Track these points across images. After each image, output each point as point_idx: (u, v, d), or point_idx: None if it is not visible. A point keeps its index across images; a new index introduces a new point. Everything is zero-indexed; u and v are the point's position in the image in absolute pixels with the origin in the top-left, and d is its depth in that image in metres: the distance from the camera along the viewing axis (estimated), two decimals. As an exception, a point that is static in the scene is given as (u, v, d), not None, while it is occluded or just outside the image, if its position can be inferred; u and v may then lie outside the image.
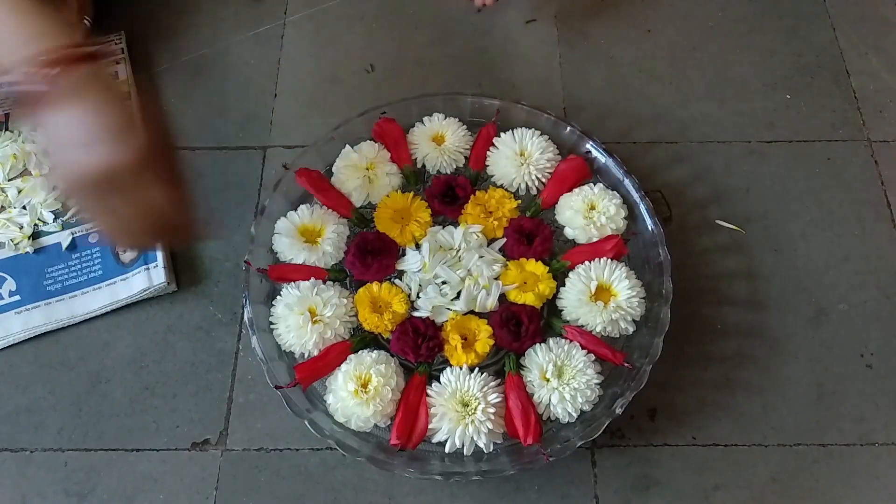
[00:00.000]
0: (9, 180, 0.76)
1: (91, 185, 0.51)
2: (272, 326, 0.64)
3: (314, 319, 0.62)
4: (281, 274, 0.67)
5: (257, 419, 0.67)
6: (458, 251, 0.66)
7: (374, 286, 0.64)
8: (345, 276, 0.67)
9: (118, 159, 0.50)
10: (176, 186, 0.54)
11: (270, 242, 0.68)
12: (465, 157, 0.72)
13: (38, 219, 0.74)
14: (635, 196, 0.69)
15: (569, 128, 0.73)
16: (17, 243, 0.73)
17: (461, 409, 0.59)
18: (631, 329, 0.64)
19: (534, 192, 0.71)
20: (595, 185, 0.70)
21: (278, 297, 0.65)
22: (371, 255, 0.65)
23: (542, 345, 0.62)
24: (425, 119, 0.74)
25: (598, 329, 0.63)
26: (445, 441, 0.59)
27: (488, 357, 0.63)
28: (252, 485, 0.64)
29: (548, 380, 0.60)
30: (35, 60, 0.49)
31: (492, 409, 0.59)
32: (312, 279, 0.65)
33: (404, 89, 0.83)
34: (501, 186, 0.70)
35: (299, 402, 0.61)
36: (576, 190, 0.69)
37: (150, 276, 0.71)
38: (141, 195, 0.52)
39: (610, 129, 0.81)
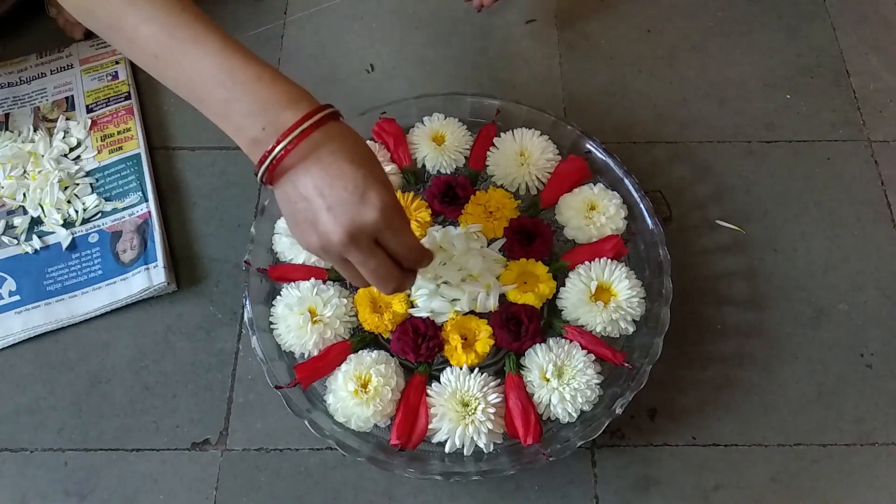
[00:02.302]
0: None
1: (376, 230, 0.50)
2: (272, 326, 0.64)
3: (314, 319, 0.62)
4: (281, 274, 0.67)
5: (257, 419, 0.67)
6: (457, 253, 0.66)
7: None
8: (345, 276, 0.67)
9: (388, 209, 0.50)
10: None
11: (270, 242, 0.68)
12: (465, 157, 0.72)
13: (39, 218, 0.74)
14: (635, 196, 0.69)
15: (569, 128, 0.73)
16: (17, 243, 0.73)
17: (461, 409, 0.59)
18: (631, 329, 0.64)
19: (534, 192, 0.71)
20: (595, 185, 0.70)
21: (278, 297, 0.65)
22: (371, 255, 0.65)
23: (542, 345, 0.62)
24: (425, 119, 0.74)
25: (598, 329, 0.63)
26: (445, 441, 0.59)
27: (488, 357, 0.63)
28: (252, 485, 0.64)
29: (548, 380, 0.60)
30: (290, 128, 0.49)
31: (492, 409, 0.59)
32: (312, 279, 0.65)
33: (404, 89, 0.83)
34: (501, 186, 0.70)
35: (299, 402, 0.61)
36: (576, 190, 0.69)
37: (150, 276, 0.71)
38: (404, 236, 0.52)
39: (610, 129, 0.81)
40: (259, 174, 0.50)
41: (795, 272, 0.73)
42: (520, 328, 0.62)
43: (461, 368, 0.61)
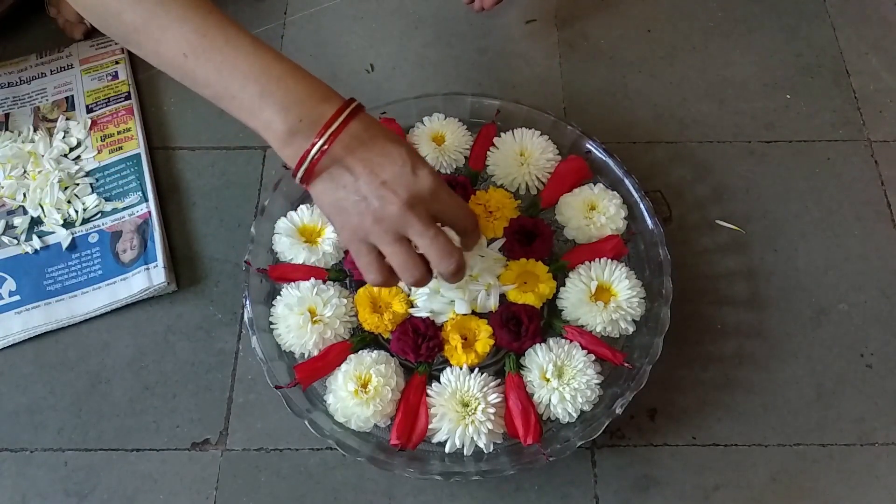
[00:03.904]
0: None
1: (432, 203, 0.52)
2: (272, 326, 0.64)
3: (314, 319, 0.62)
4: (281, 274, 0.67)
5: (257, 419, 0.67)
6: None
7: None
8: (345, 276, 0.67)
9: (440, 178, 0.53)
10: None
11: (270, 242, 0.68)
12: (465, 157, 0.72)
13: (39, 218, 0.74)
14: (635, 196, 0.69)
15: (569, 128, 0.73)
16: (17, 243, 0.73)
17: (461, 410, 0.59)
18: (631, 329, 0.64)
19: (534, 192, 0.71)
20: (595, 185, 0.70)
21: (278, 297, 0.65)
22: (371, 255, 0.65)
23: (543, 345, 0.62)
24: (425, 119, 0.74)
25: (598, 329, 0.63)
26: (445, 441, 0.59)
27: (488, 357, 0.63)
28: (252, 485, 0.64)
29: (548, 380, 0.60)
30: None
31: (492, 409, 0.59)
32: (312, 279, 0.65)
33: (404, 89, 0.83)
34: (501, 186, 0.70)
35: (299, 402, 0.61)
36: (576, 190, 0.69)
37: (149, 276, 0.71)
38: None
39: (610, 129, 0.81)
40: (304, 167, 0.51)
41: (795, 272, 0.73)
42: (520, 328, 0.62)
43: (461, 368, 0.61)
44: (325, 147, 0.50)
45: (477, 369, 0.61)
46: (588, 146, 0.72)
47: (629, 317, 0.63)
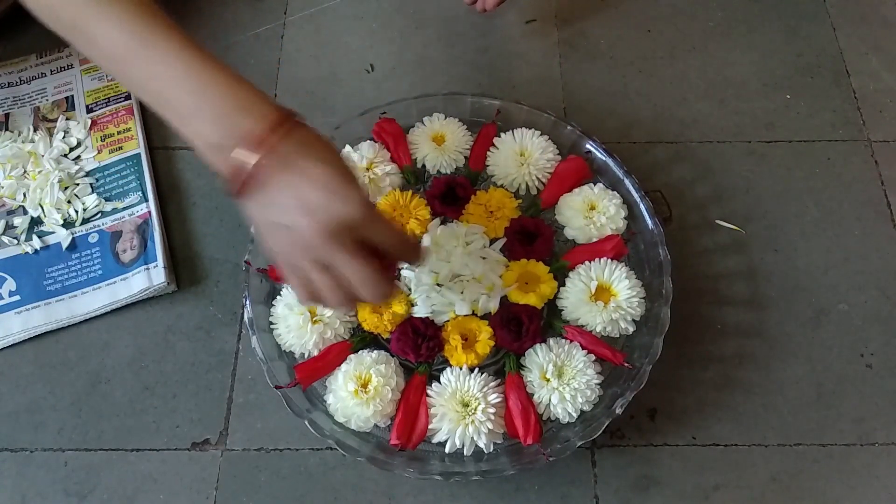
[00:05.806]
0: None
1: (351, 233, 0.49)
2: (272, 326, 0.64)
3: (314, 319, 0.62)
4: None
5: (257, 419, 0.67)
6: (457, 247, 0.66)
7: (374, 286, 0.64)
8: (345, 276, 0.67)
9: (368, 203, 0.49)
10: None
11: (270, 242, 0.68)
12: (465, 157, 0.72)
13: (39, 218, 0.74)
14: (635, 196, 0.69)
15: (569, 128, 0.73)
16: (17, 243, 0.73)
17: (461, 410, 0.59)
18: (631, 329, 0.64)
19: (534, 192, 0.71)
20: (595, 185, 0.70)
21: (278, 297, 0.65)
22: (371, 255, 0.65)
23: (543, 345, 0.62)
24: (425, 119, 0.74)
25: (598, 329, 0.63)
26: (445, 441, 0.59)
27: (488, 357, 0.63)
28: (252, 485, 0.64)
29: (548, 380, 0.60)
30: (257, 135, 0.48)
31: (492, 409, 0.59)
32: (312, 279, 0.65)
33: (404, 89, 0.83)
34: (501, 186, 0.70)
35: (299, 402, 0.61)
36: (576, 190, 0.69)
37: (149, 276, 0.71)
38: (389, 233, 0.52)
39: (610, 129, 0.81)
40: (232, 184, 0.49)
41: (795, 272, 0.73)
42: (520, 328, 0.62)
43: (461, 368, 0.61)
44: (254, 165, 0.47)
45: (477, 369, 0.61)
46: (588, 146, 0.72)
47: (629, 317, 0.63)
